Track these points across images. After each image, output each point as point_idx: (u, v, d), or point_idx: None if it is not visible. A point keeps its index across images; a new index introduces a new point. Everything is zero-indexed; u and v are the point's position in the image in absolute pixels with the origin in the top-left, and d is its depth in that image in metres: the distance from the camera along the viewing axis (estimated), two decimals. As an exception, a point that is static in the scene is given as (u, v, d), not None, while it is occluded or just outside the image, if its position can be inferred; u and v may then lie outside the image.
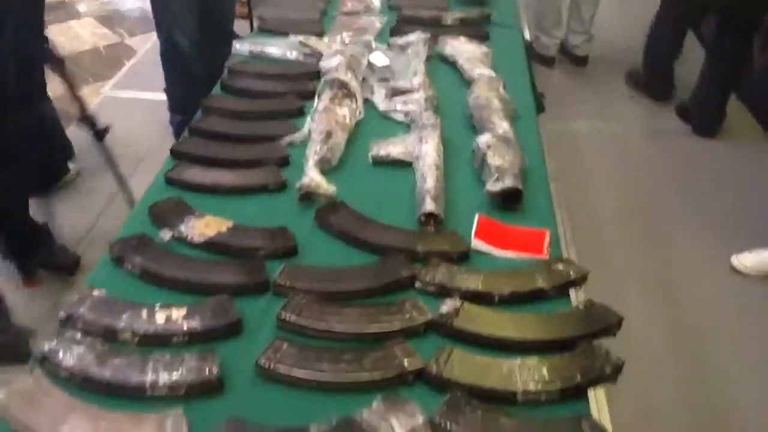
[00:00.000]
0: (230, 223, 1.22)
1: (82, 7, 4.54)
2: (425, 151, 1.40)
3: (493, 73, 1.73)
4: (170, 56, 2.70)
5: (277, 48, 1.86)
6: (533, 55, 3.86)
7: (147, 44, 3.94)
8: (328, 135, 1.45)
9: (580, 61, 3.94)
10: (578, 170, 3.02)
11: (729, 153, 3.19)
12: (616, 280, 2.46)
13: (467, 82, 1.74)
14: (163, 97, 2.93)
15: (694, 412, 1.99)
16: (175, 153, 1.45)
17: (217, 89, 1.72)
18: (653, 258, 2.58)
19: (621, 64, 4.01)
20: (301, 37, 1.85)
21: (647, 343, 2.18)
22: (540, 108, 2.32)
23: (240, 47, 1.89)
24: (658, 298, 2.39)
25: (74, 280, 2.25)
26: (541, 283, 1.10)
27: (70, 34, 4.11)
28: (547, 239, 1.22)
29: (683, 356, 2.17)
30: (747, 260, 2.46)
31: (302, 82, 1.70)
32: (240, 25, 3.96)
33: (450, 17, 2.08)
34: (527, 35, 3.71)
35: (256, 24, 2.30)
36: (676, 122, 3.43)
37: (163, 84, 2.87)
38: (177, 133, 2.82)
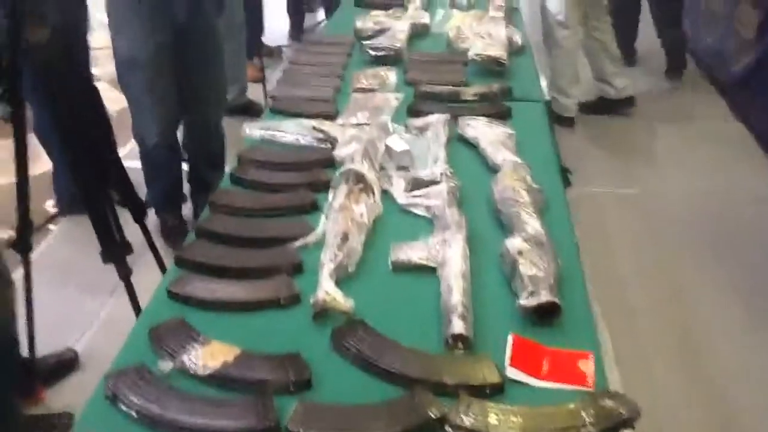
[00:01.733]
0: (237, 351, 1.10)
1: (95, 70, 4.51)
2: (450, 256, 1.28)
3: (518, 159, 1.62)
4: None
5: (289, 133, 1.77)
6: (552, 116, 3.77)
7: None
8: (345, 238, 1.33)
9: (629, 103, 3.84)
10: (599, 238, 2.89)
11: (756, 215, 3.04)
12: (643, 349, 2.32)
13: (491, 168, 1.63)
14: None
15: None
16: (179, 261, 1.34)
17: (226, 181, 1.63)
18: (682, 328, 2.43)
19: (644, 119, 3.91)
20: (314, 122, 1.76)
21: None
22: (566, 183, 2.21)
23: (250, 132, 1.80)
24: (691, 373, 2.23)
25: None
26: (589, 425, 0.97)
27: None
28: (591, 365, 1.09)
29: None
30: None
31: (315, 172, 1.60)
32: (253, 89, 3.93)
33: (469, 92, 1.99)
34: (546, 95, 3.65)
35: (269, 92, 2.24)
36: (707, 182, 3.29)
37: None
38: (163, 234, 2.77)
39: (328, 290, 1.21)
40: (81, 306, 2.51)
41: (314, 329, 1.19)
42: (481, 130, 1.76)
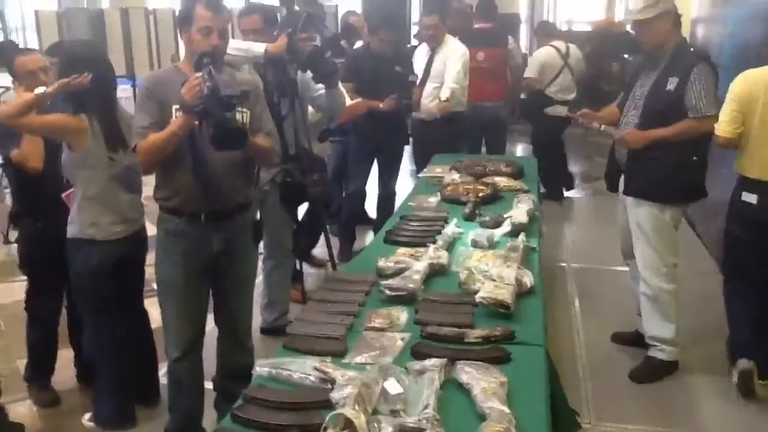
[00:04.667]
0: None
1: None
2: None
3: (506, 408, 1.68)
4: None
5: (294, 372, 1.89)
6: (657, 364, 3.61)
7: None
8: (318, 486, 1.39)
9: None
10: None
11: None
12: None
13: (480, 416, 1.69)
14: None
15: None
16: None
17: (228, 420, 1.73)
18: None
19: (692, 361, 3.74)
20: (317, 362, 1.88)
21: None
22: (574, 425, 2.22)
23: (260, 370, 1.93)
24: None
25: None
26: None
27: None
28: None
29: None
30: None
31: (311, 414, 1.69)
32: (295, 310, 4.11)
33: (472, 335, 2.10)
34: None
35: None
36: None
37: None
38: None
39: None
40: None
41: None
42: (474, 376, 1.84)
